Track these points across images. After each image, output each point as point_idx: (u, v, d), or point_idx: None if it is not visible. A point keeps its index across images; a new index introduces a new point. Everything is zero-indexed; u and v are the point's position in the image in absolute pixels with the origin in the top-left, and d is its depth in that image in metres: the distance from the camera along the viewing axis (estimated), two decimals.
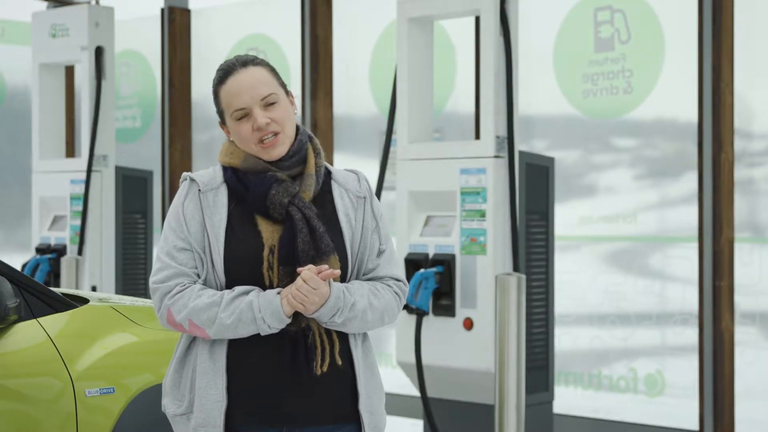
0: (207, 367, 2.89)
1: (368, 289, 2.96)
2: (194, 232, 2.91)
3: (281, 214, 2.90)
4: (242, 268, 2.88)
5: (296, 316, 2.87)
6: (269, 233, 2.90)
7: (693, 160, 6.46)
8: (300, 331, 2.87)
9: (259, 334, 2.86)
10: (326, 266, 2.85)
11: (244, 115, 2.92)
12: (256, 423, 2.90)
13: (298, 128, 3.00)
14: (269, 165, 2.94)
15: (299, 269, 2.84)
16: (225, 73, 2.95)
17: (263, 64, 2.97)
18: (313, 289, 2.81)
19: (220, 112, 2.98)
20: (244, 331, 2.85)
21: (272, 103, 2.93)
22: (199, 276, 2.91)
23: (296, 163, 2.96)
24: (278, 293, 2.84)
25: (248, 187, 2.92)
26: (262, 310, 2.82)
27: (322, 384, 2.90)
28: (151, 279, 2.92)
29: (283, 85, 2.99)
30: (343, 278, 2.95)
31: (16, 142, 10.17)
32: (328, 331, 2.91)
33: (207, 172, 3.00)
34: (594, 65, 6.85)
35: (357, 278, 3.00)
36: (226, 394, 2.88)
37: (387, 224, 3.08)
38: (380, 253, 3.03)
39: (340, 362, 2.91)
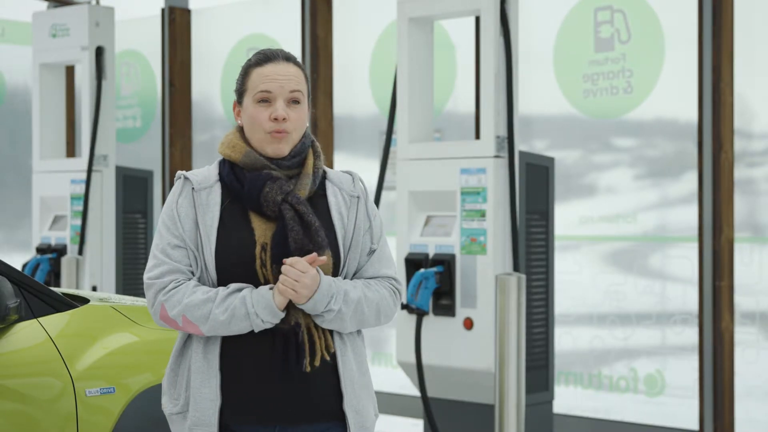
0: (201, 366, 2.90)
1: (361, 282, 2.97)
2: (188, 230, 2.93)
3: (274, 212, 2.91)
4: (234, 266, 2.89)
5: (288, 313, 2.87)
6: (262, 231, 2.91)
7: (693, 160, 6.46)
8: (291, 329, 2.88)
9: (251, 333, 2.87)
10: (314, 254, 2.86)
11: (267, 100, 2.94)
12: (250, 421, 2.91)
13: (304, 133, 3.02)
14: (268, 163, 2.95)
15: (285, 259, 2.85)
16: (266, 57, 2.98)
17: (302, 68, 3.02)
18: (302, 272, 2.81)
19: (242, 91, 2.99)
20: (238, 328, 2.85)
21: (296, 103, 2.97)
22: (193, 273, 2.93)
23: (296, 164, 2.98)
24: (270, 288, 2.85)
25: (243, 185, 2.93)
26: (255, 305, 2.83)
27: (314, 382, 2.91)
28: (146, 275, 2.93)
29: (309, 95, 3.03)
30: (334, 275, 2.95)
31: (16, 142, 10.17)
32: (318, 329, 2.91)
33: (201, 170, 3.02)
34: (594, 65, 6.85)
35: (349, 278, 3.00)
36: (220, 392, 2.89)
37: (382, 225, 3.08)
38: (371, 252, 3.04)
39: (328, 358, 2.91)
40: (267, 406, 2.90)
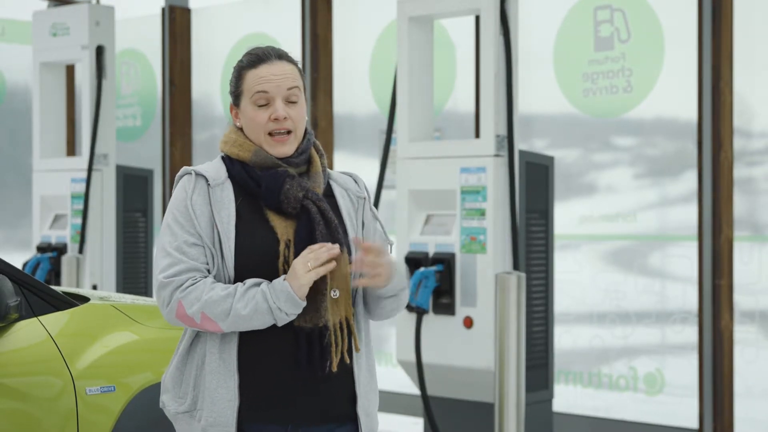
0: (217, 367, 2.88)
1: None
2: (204, 227, 2.89)
3: (295, 209, 2.91)
4: (255, 263, 2.87)
5: (319, 313, 2.87)
6: (283, 228, 2.90)
7: (693, 159, 6.46)
8: (315, 330, 2.87)
9: (271, 334, 2.86)
10: (371, 243, 2.91)
11: (265, 102, 2.94)
12: (266, 421, 2.90)
13: (305, 129, 3.03)
14: (279, 161, 2.95)
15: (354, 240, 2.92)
16: (258, 59, 2.96)
17: (295, 63, 3.01)
18: (378, 262, 2.87)
19: (238, 93, 2.98)
20: (259, 323, 2.83)
21: (294, 102, 2.96)
22: (209, 271, 2.89)
23: (303, 162, 2.99)
24: (284, 279, 2.83)
25: (260, 183, 2.92)
26: (276, 300, 2.80)
27: (331, 383, 2.91)
28: (161, 274, 2.87)
29: (305, 89, 3.02)
30: None
31: (16, 141, 10.18)
32: (342, 330, 2.91)
33: (208, 166, 2.99)
34: (594, 64, 6.85)
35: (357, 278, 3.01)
36: (238, 392, 2.87)
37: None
38: (390, 247, 3.07)
39: (348, 360, 2.91)
40: (283, 407, 2.89)
